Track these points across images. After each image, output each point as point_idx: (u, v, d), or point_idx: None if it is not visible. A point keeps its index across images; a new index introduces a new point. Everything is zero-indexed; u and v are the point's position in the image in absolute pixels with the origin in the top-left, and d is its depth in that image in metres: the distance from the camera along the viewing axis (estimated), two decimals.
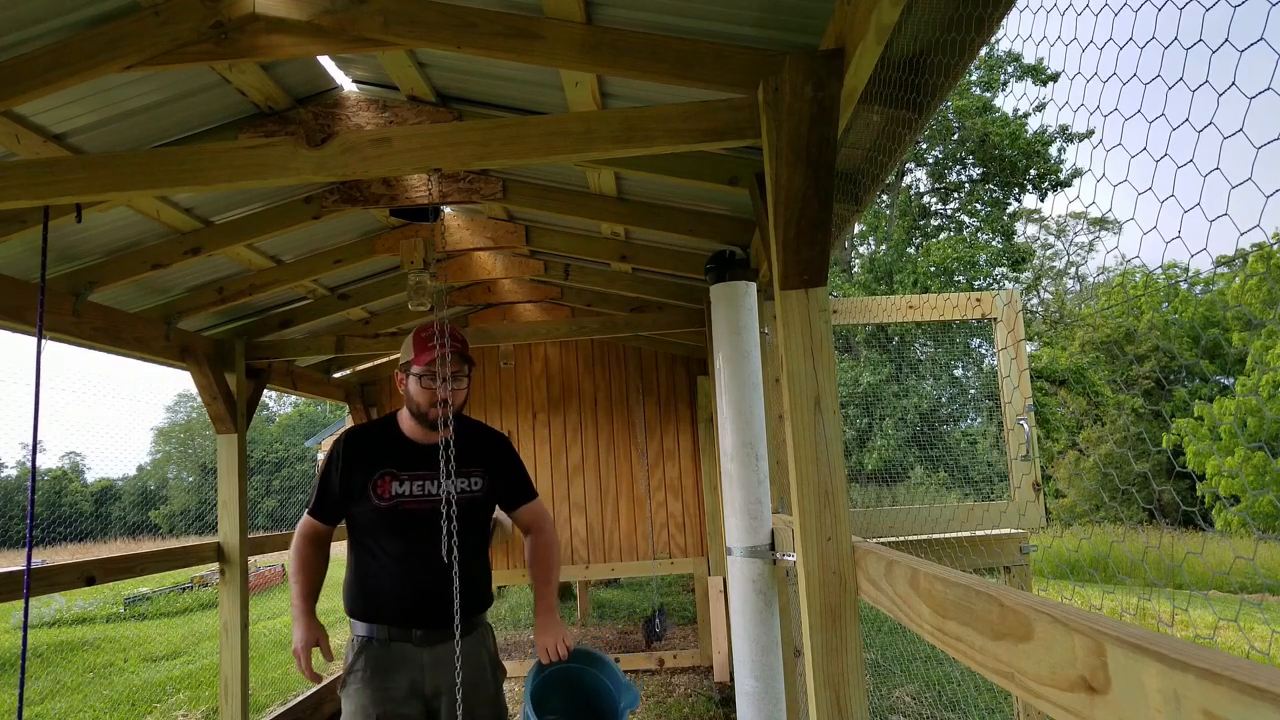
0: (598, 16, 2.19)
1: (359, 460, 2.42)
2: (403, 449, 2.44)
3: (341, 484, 2.40)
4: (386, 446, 2.45)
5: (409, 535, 2.36)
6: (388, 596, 2.36)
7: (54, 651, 9.69)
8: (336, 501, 2.43)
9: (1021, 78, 20.47)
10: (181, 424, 41.07)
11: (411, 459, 2.43)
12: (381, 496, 2.36)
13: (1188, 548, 9.07)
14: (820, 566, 1.82)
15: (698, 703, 5.80)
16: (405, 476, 2.39)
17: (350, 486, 2.39)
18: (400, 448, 2.44)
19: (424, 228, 4.40)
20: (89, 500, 33.23)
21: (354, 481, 2.39)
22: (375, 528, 2.37)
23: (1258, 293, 16.12)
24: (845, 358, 18.09)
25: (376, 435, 2.49)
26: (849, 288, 19.23)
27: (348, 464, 2.41)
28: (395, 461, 2.41)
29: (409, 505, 2.36)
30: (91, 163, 2.30)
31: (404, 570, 2.35)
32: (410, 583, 2.34)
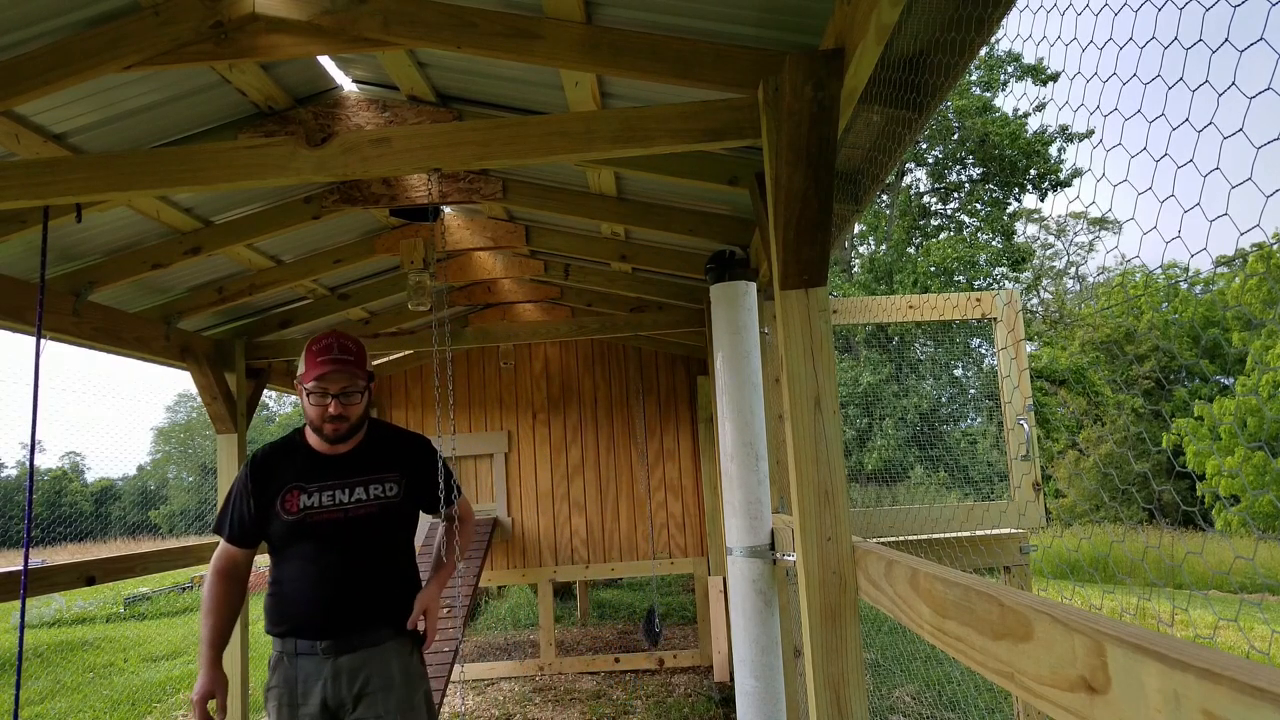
0: (598, 16, 2.19)
1: (266, 479, 2.34)
2: (309, 462, 2.36)
3: (253, 505, 2.33)
4: (292, 461, 2.37)
5: (317, 546, 2.29)
6: (297, 608, 2.27)
7: (54, 651, 9.69)
8: (250, 524, 2.34)
9: (1021, 78, 20.47)
10: (181, 424, 41.09)
11: (318, 471, 2.35)
12: (289, 511, 2.29)
13: (1188, 548, 9.07)
14: (820, 566, 1.82)
15: (698, 703, 5.80)
16: (313, 489, 2.32)
17: (261, 506, 2.32)
18: (306, 461, 2.36)
19: (424, 228, 4.39)
20: (89, 500, 33.24)
21: (264, 500, 2.32)
22: (286, 541, 2.31)
23: (1258, 293, 16.12)
24: (845, 358, 18.09)
25: (282, 451, 2.41)
26: (849, 288, 19.23)
27: (256, 484, 2.34)
28: (301, 475, 2.34)
29: (317, 517, 2.29)
30: (91, 163, 2.30)
31: (312, 581, 2.28)
32: (317, 593, 2.27)
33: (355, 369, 2.32)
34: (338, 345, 2.32)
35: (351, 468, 2.36)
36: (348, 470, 2.35)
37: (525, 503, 6.84)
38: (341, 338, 2.34)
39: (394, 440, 2.50)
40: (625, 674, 6.72)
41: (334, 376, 2.28)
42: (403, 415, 7.00)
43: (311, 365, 2.29)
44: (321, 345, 2.31)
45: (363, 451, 2.39)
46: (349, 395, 2.31)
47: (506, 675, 6.79)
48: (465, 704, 6.07)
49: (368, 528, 2.32)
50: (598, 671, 6.80)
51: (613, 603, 10.51)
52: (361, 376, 2.34)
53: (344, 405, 2.30)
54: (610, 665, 6.84)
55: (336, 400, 2.28)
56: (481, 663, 7.04)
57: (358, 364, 2.33)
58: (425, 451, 2.53)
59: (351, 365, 2.31)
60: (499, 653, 7.99)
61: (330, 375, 2.27)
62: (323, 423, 2.30)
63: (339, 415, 2.29)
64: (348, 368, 2.31)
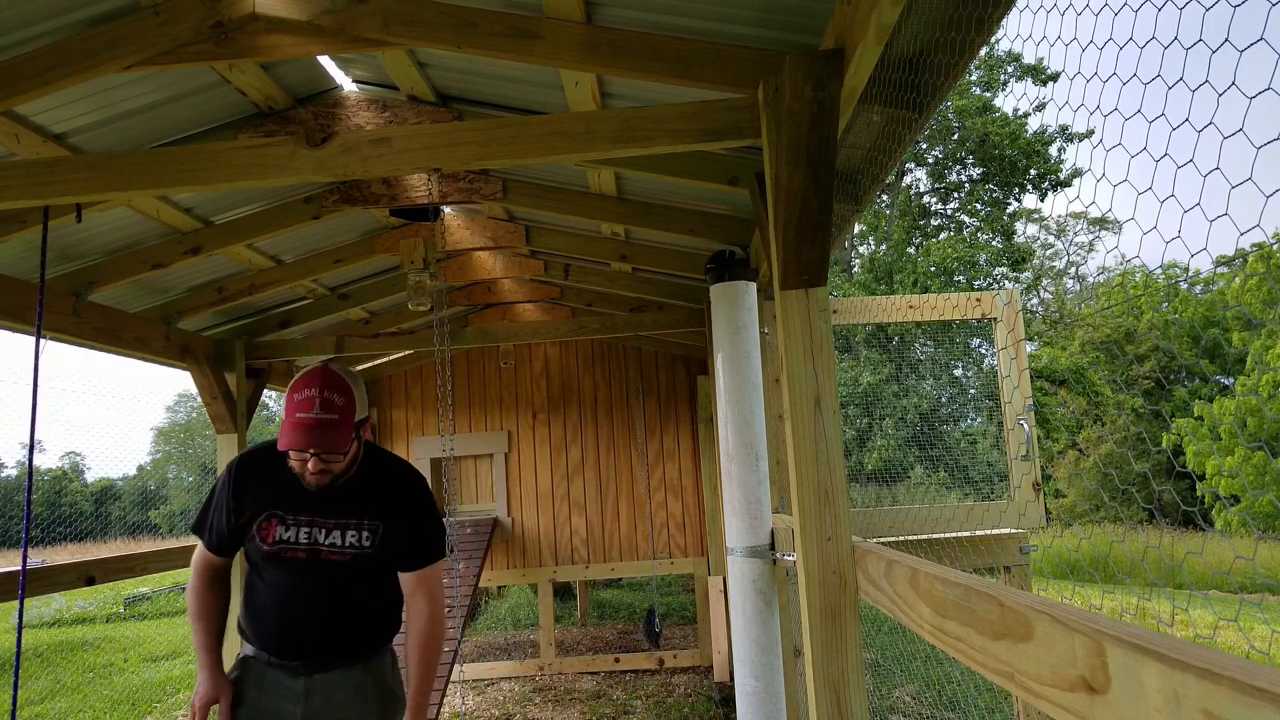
0: (598, 16, 2.19)
1: (246, 495, 2.16)
2: (293, 489, 2.14)
3: (230, 519, 2.17)
4: (276, 482, 2.15)
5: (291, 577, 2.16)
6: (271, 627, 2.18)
7: (54, 651, 9.69)
8: (229, 537, 2.19)
9: (1021, 78, 20.46)
10: (181, 424, 41.09)
11: (300, 502, 2.15)
12: (265, 540, 2.14)
13: (1188, 548, 9.07)
14: (820, 566, 1.82)
15: (698, 703, 5.80)
16: (291, 521, 2.15)
17: (239, 523, 2.17)
18: (290, 487, 2.14)
19: (424, 228, 4.40)
20: (89, 500, 33.24)
21: (242, 518, 2.16)
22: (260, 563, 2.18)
23: (1258, 293, 16.12)
24: (845, 358, 18.09)
25: (266, 465, 2.17)
26: (849, 288, 19.23)
27: (236, 499, 2.16)
28: (281, 502, 2.15)
29: (291, 553, 2.14)
30: (91, 163, 2.30)
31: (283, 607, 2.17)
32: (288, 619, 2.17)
33: (340, 428, 2.03)
34: (320, 401, 2.01)
35: (334, 506, 2.15)
36: (329, 508, 2.15)
37: (525, 503, 6.84)
38: (327, 386, 2.03)
39: (385, 484, 2.22)
40: (625, 674, 6.72)
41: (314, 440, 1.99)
42: (403, 415, 7.01)
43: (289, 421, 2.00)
44: (303, 399, 2.01)
45: (349, 490, 2.16)
46: (332, 455, 2.05)
47: (506, 675, 6.79)
48: (465, 704, 6.07)
49: (341, 571, 2.16)
50: (598, 671, 6.80)
51: (613, 603, 10.51)
52: (348, 432, 2.04)
53: (326, 463, 2.05)
54: (610, 665, 6.84)
55: (317, 459, 2.03)
56: (481, 663, 7.04)
57: (344, 420, 2.04)
58: (413, 500, 2.25)
59: (336, 425, 2.02)
60: (499, 653, 7.99)
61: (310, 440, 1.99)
62: (302, 473, 2.08)
63: (321, 470, 2.05)
64: (331, 430, 2.01)
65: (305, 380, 2.04)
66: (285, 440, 1.99)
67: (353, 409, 2.06)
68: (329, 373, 2.07)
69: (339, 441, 2.02)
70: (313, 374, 2.06)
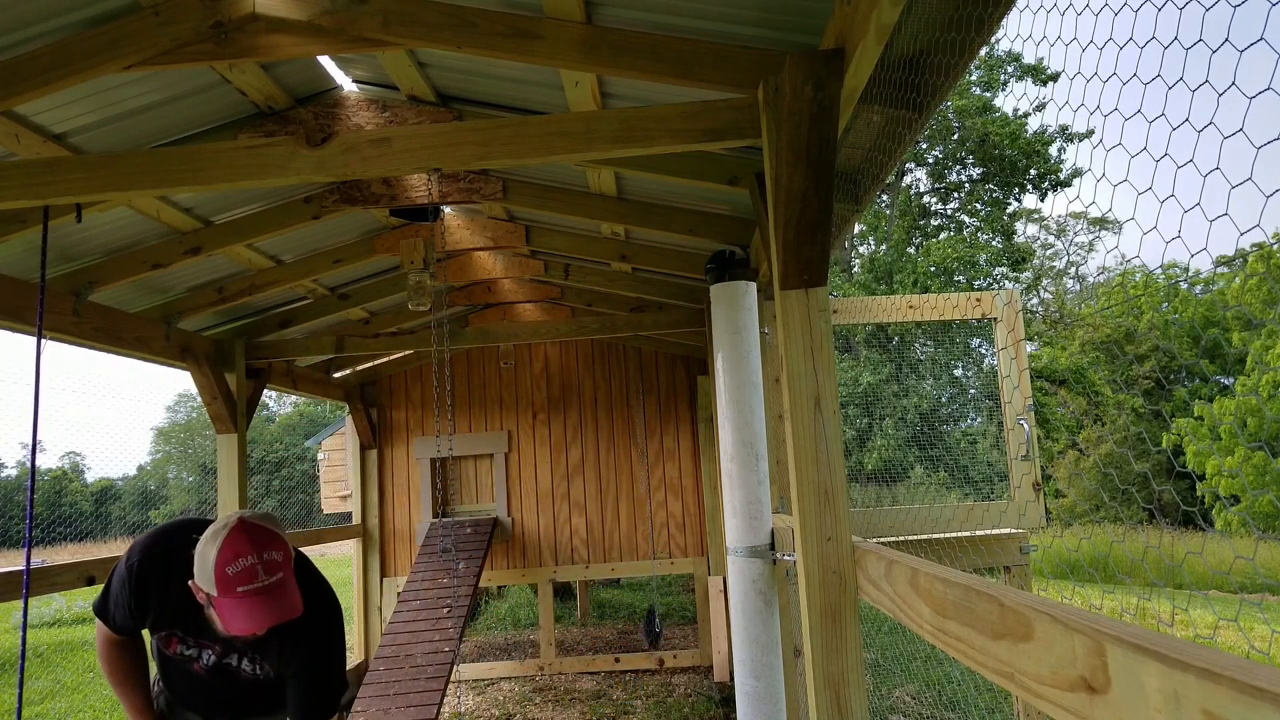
0: (598, 16, 2.19)
1: (148, 607, 1.99)
2: (193, 616, 1.98)
3: (131, 620, 2.02)
4: (179, 605, 1.96)
5: (201, 679, 2.09)
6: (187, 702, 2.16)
7: (54, 651, 9.70)
8: (132, 627, 2.07)
9: (1021, 78, 20.47)
10: (181, 424, 41.09)
11: (201, 630, 2.00)
12: (167, 649, 2.06)
13: (1188, 548, 9.07)
14: (820, 566, 1.82)
15: (698, 703, 5.80)
16: (192, 642, 2.03)
17: (138, 624, 2.03)
18: (191, 613, 1.97)
19: (424, 228, 4.40)
20: (89, 500, 33.25)
21: (141, 621, 2.02)
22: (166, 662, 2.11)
23: (1258, 293, 16.13)
24: (845, 358, 18.09)
25: (170, 581, 1.96)
26: (849, 288, 19.23)
27: (138, 604, 1.99)
28: (181, 624, 2.00)
29: (194, 668, 2.06)
30: (91, 163, 2.30)
31: (200, 698, 2.13)
32: (206, 705, 2.14)
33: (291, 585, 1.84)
34: (262, 566, 1.77)
35: (234, 642, 2.00)
36: (230, 643, 2.01)
37: (525, 503, 6.84)
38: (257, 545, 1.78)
39: (290, 634, 1.99)
40: (625, 674, 6.72)
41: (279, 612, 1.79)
42: (403, 415, 7.01)
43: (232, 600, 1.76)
44: (239, 571, 1.75)
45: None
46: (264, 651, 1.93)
47: (506, 675, 6.79)
48: (465, 704, 6.07)
49: (247, 683, 2.08)
50: (598, 671, 6.80)
51: (613, 603, 10.51)
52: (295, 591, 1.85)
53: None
54: (610, 665, 6.84)
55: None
56: (481, 663, 7.04)
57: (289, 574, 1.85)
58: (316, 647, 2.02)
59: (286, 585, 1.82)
60: (499, 653, 7.99)
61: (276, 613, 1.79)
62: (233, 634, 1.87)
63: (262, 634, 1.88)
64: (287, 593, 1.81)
65: (230, 549, 1.77)
66: (241, 623, 1.77)
67: (290, 556, 1.88)
68: (253, 528, 1.82)
69: (298, 601, 1.83)
70: (237, 539, 1.78)
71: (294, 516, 33.61)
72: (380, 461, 6.99)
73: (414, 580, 5.80)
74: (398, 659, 4.91)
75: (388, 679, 4.73)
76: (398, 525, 6.94)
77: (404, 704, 4.48)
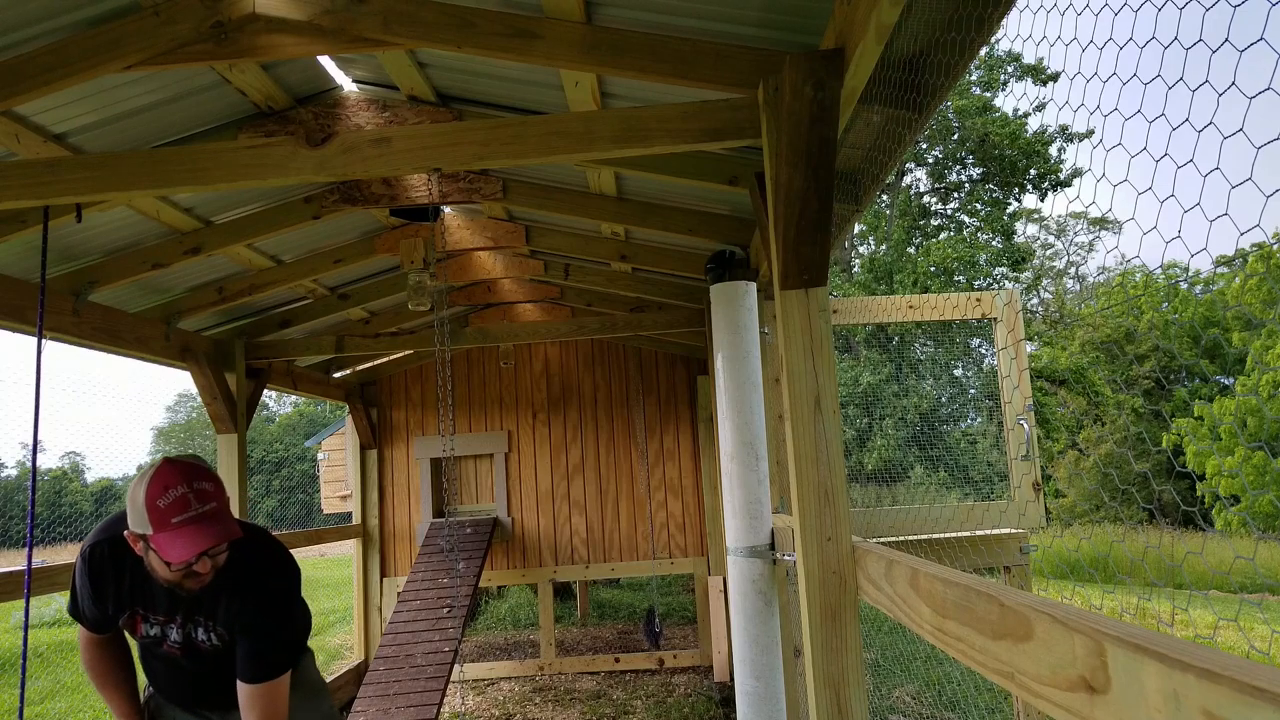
0: (598, 16, 2.19)
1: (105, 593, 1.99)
2: (146, 587, 1.98)
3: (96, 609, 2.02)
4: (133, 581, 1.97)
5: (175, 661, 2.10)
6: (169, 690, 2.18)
7: (54, 651, 9.69)
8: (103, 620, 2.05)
9: (1021, 78, 20.46)
10: (181, 424, 41.12)
11: (155, 601, 2.00)
12: (134, 633, 2.07)
13: (1188, 548, 9.07)
14: (820, 566, 1.82)
15: (698, 703, 5.80)
16: (153, 619, 2.03)
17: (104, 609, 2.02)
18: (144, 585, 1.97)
19: (424, 227, 4.40)
20: (89, 500, 33.27)
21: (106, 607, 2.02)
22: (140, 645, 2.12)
23: (1258, 293, 16.13)
24: (845, 358, 18.09)
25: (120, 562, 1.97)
26: (849, 288, 19.23)
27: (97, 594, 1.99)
28: (140, 599, 2.00)
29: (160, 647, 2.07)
30: (91, 163, 2.30)
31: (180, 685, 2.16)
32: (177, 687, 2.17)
33: (226, 514, 1.86)
34: (194, 494, 1.80)
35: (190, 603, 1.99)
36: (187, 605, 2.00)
37: (525, 503, 6.84)
38: (188, 477, 1.82)
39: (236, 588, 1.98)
40: (625, 674, 6.72)
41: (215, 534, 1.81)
42: (403, 415, 7.01)
43: (169, 532, 1.77)
44: (171, 501, 1.78)
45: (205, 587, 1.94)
46: (222, 550, 1.90)
47: (506, 675, 6.79)
48: (465, 704, 6.07)
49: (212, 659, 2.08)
50: (598, 671, 6.80)
51: (613, 603, 10.51)
52: (231, 519, 1.88)
53: (213, 559, 1.87)
54: (610, 665, 6.84)
55: (209, 559, 1.85)
56: (481, 663, 7.04)
57: (223, 504, 1.87)
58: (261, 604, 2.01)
59: (221, 513, 1.84)
60: (499, 653, 7.99)
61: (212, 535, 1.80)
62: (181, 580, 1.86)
63: (210, 569, 1.88)
64: (221, 520, 1.83)
65: (160, 482, 1.80)
66: (180, 550, 1.77)
67: (222, 488, 1.91)
68: (182, 464, 1.85)
69: (234, 527, 1.86)
70: (165, 472, 1.82)
71: (294, 516, 33.59)
72: (380, 461, 6.99)
73: (414, 580, 5.80)
74: (398, 659, 4.91)
75: (388, 679, 4.73)
76: (398, 525, 6.94)
77: (404, 704, 4.48)
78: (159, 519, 1.77)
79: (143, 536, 1.82)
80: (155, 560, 1.85)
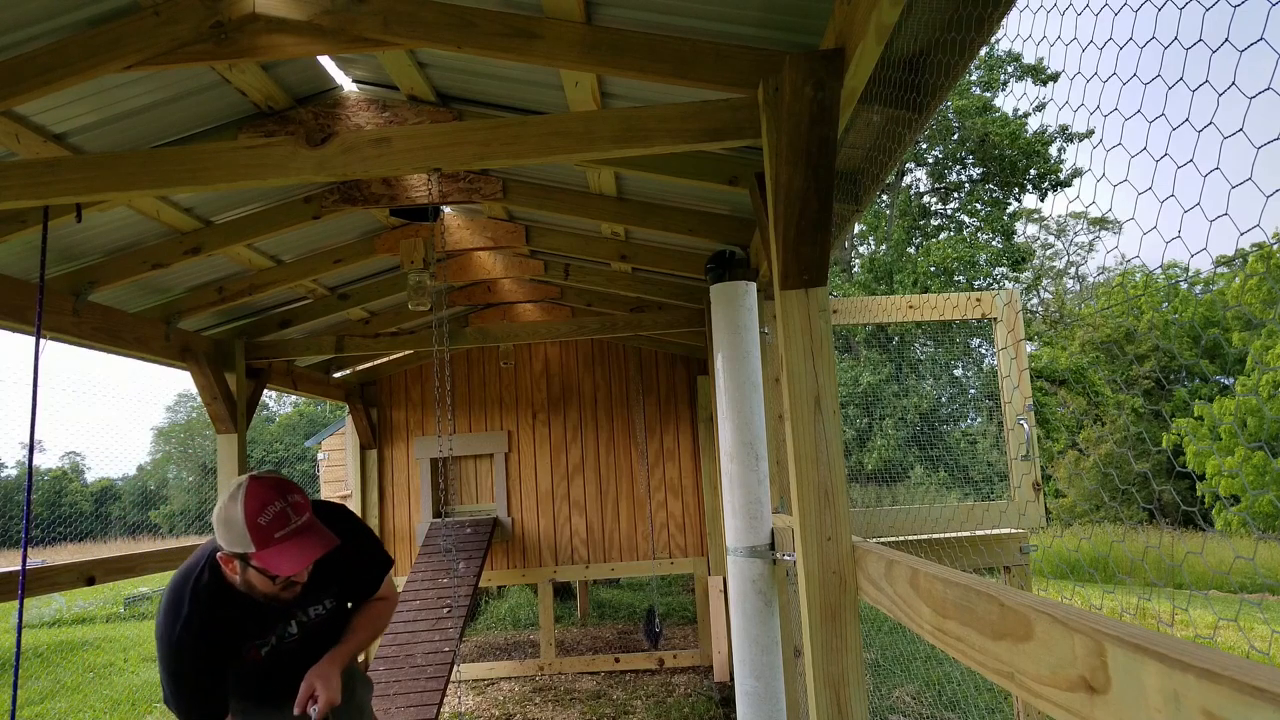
0: (598, 16, 2.19)
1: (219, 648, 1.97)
2: (254, 613, 2.01)
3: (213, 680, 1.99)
4: (237, 619, 1.99)
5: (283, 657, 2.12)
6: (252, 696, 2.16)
7: (54, 651, 9.69)
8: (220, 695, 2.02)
9: (1021, 78, 20.47)
10: (181, 424, 41.09)
11: (266, 621, 2.05)
12: (252, 659, 2.08)
13: (1188, 548, 9.08)
14: (820, 566, 1.82)
15: (698, 703, 5.80)
16: (267, 635, 2.08)
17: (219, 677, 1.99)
18: (250, 613, 2.00)
19: (424, 228, 4.39)
20: (89, 500, 33.27)
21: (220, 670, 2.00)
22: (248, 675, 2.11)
23: (1258, 293, 16.12)
24: (845, 358, 18.08)
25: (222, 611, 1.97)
26: (849, 288, 19.23)
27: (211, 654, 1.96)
28: (253, 632, 2.04)
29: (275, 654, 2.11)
30: (91, 163, 2.30)
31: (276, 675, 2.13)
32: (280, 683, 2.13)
33: (319, 526, 1.92)
34: (291, 507, 1.86)
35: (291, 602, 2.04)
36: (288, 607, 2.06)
37: (525, 503, 6.84)
38: (280, 492, 1.86)
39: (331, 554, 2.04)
40: (625, 674, 6.72)
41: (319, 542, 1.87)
42: (403, 415, 7.01)
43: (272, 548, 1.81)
44: (270, 518, 1.81)
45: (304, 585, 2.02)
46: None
47: (506, 675, 6.79)
48: (465, 704, 6.07)
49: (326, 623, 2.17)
50: (598, 671, 6.80)
51: (613, 603, 10.51)
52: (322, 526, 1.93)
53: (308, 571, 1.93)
54: (610, 665, 6.84)
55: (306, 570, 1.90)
56: (481, 663, 7.04)
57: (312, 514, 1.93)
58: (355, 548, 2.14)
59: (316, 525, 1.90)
60: (499, 653, 7.99)
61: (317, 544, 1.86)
62: (280, 592, 1.92)
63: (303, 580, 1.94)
64: (318, 530, 1.89)
65: (256, 500, 1.83)
66: (290, 563, 1.82)
67: (307, 496, 1.96)
68: (269, 479, 1.90)
69: (330, 534, 1.91)
70: (257, 490, 1.86)
71: None
72: (380, 461, 6.99)
73: (414, 580, 5.80)
74: (398, 659, 4.91)
75: (388, 679, 4.73)
76: (398, 525, 6.94)
77: (404, 704, 4.48)
78: (262, 536, 1.81)
79: (241, 556, 1.85)
80: (256, 577, 1.88)
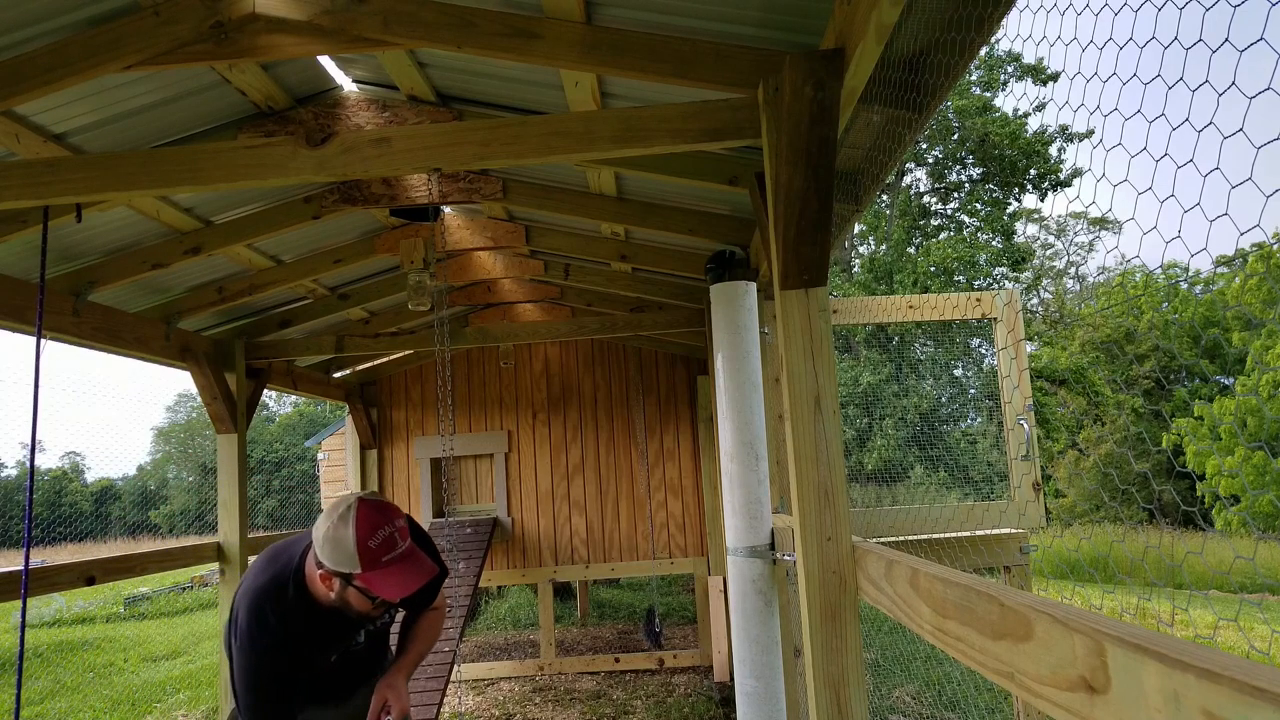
0: (598, 16, 2.19)
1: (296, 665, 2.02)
2: (335, 625, 2.06)
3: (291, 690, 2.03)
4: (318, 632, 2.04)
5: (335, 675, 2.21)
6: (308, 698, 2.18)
7: (54, 651, 9.69)
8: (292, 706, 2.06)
9: (1021, 78, 20.47)
10: (181, 424, 41.07)
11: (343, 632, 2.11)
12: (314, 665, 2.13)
13: (1188, 548, 9.07)
14: (820, 566, 1.82)
15: (698, 703, 5.80)
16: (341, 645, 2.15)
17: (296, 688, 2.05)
18: (331, 625, 2.05)
19: (424, 227, 4.39)
20: (89, 500, 33.26)
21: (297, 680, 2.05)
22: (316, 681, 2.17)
23: (1258, 293, 16.12)
24: (845, 358, 18.08)
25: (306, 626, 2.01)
26: (849, 288, 19.23)
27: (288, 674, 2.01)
28: (331, 643, 2.10)
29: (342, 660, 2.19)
30: (91, 163, 2.30)
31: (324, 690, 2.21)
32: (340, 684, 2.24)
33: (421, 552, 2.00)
34: (398, 533, 1.93)
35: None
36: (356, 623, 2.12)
37: (525, 503, 6.84)
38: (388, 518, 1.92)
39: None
40: (625, 674, 6.72)
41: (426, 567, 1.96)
42: (403, 415, 7.01)
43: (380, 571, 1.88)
44: (380, 542, 1.87)
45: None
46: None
47: (506, 675, 6.79)
48: (465, 704, 6.07)
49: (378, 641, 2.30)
50: (598, 671, 6.80)
51: (613, 603, 10.51)
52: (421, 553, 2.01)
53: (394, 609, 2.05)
54: (610, 665, 6.84)
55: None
56: (481, 663, 7.04)
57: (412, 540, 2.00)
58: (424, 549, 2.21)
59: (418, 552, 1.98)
60: (499, 653, 7.99)
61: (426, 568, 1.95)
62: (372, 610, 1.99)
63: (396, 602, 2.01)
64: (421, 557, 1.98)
65: (367, 523, 1.87)
66: (395, 588, 1.89)
67: (407, 524, 2.02)
68: (376, 504, 1.94)
69: (429, 564, 1.99)
70: (368, 514, 1.90)
71: (294, 516, 33.56)
72: (380, 461, 6.99)
73: None
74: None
75: None
76: None
77: None
78: (370, 559, 1.87)
79: (343, 575, 1.89)
80: (355, 596, 1.93)
